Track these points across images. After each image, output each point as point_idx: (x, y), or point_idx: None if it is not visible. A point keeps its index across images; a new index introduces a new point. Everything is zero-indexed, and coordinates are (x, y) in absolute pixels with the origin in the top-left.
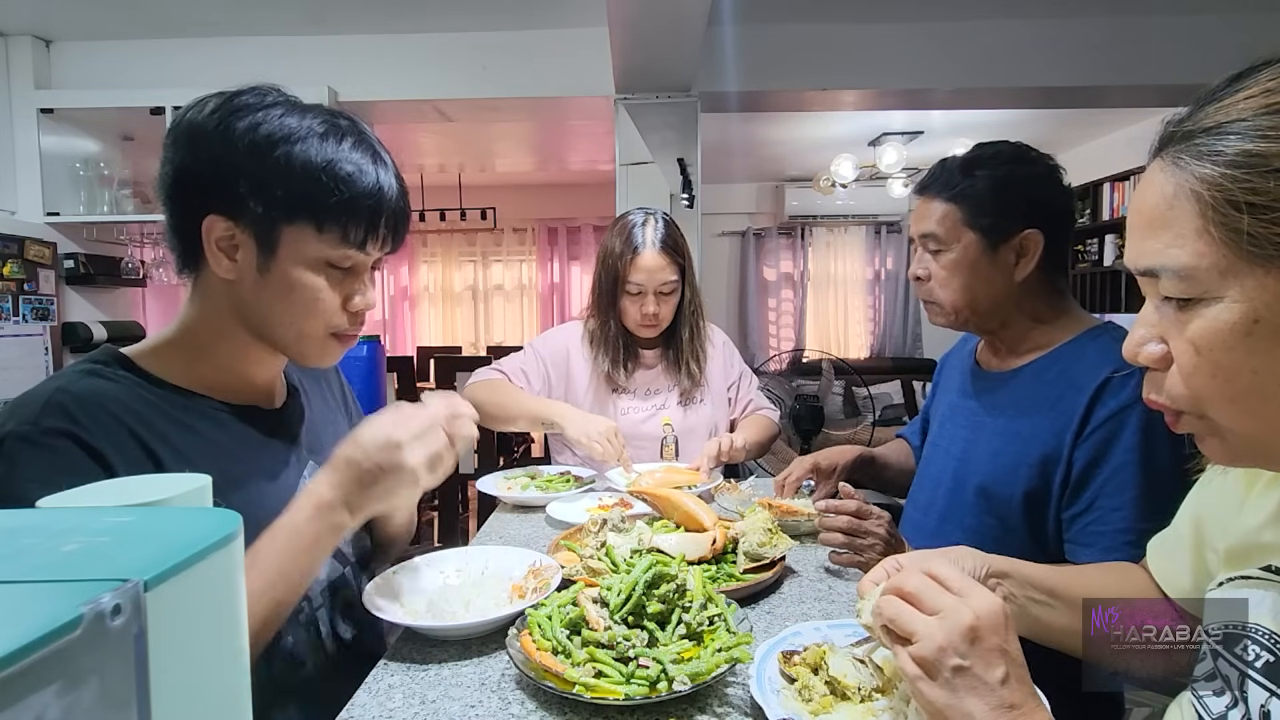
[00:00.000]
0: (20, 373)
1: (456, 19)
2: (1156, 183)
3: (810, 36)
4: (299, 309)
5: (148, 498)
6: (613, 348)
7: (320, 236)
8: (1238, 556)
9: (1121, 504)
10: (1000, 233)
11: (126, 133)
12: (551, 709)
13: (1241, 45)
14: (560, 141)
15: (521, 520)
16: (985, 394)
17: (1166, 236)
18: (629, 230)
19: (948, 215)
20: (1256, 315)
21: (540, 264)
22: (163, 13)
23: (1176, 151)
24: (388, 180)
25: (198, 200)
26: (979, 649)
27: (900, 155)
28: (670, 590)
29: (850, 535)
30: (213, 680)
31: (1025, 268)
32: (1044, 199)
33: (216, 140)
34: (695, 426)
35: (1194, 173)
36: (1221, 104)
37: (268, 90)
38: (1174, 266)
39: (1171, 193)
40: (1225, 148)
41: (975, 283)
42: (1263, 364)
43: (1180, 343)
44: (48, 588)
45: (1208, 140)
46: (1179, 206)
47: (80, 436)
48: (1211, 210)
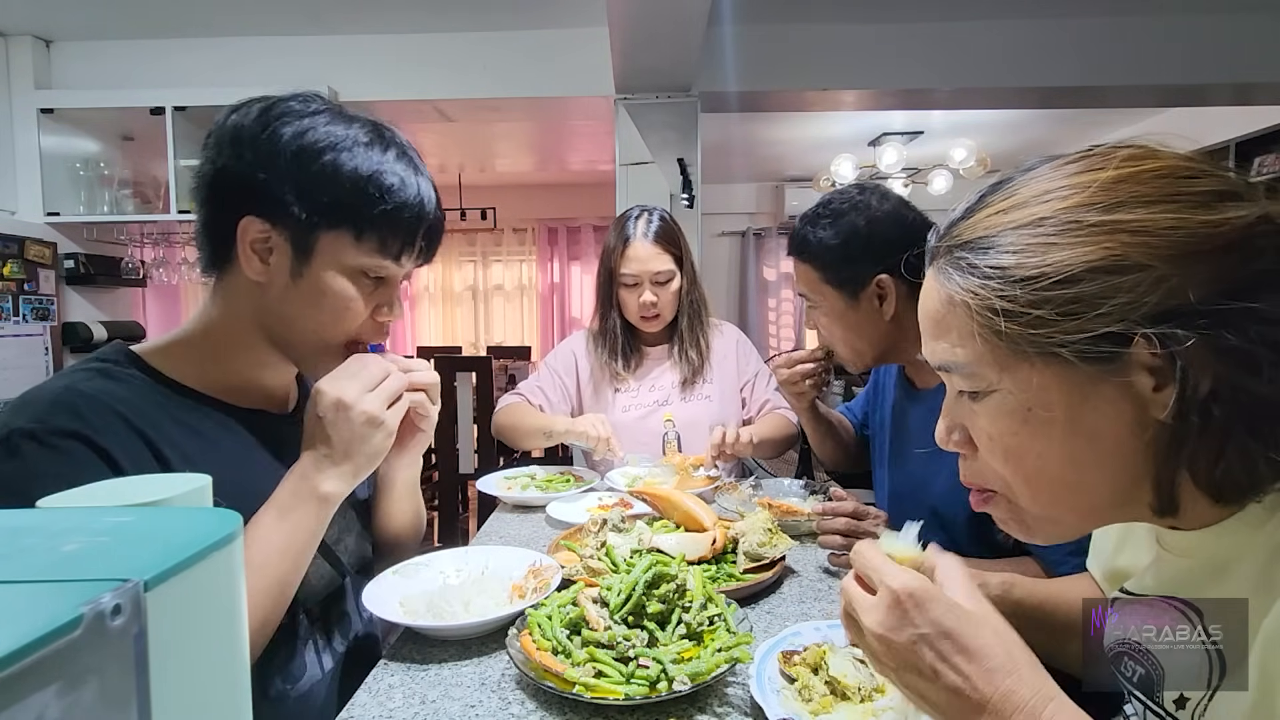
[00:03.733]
0: (20, 373)
1: (456, 19)
2: (933, 290)
3: (810, 36)
4: (327, 316)
5: (148, 498)
6: (612, 339)
7: (357, 245)
8: (1109, 580)
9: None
10: (855, 283)
11: (126, 133)
12: (551, 709)
13: (1242, 45)
14: (560, 141)
15: (521, 520)
16: (915, 413)
17: (950, 338)
18: (623, 224)
19: (805, 275)
20: (1029, 404)
21: (540, 264)
22: (163, 13)
23: (944, 263)
24: (428, 192)
25: (235, 201)
26: (914, 617)
27: (900, 155)
28: (670, 590)
29: (848, 536)
30: (213, 680)
31: (889, 308)
32: (886, 241)
33: (262, 144)
34: (698, 421)
35: (959, 283)
36: (971, 222)
37: (312, 97)
38: (958, 364)
39: (946, 299)
40: (979, 261)
41: (852, 332)
42: (1043, 447)
43: (977, 431)
44: (48, 588)
45: (965, 254)
46: (953, 313)
47: (89, 437)
48: (976, 315)
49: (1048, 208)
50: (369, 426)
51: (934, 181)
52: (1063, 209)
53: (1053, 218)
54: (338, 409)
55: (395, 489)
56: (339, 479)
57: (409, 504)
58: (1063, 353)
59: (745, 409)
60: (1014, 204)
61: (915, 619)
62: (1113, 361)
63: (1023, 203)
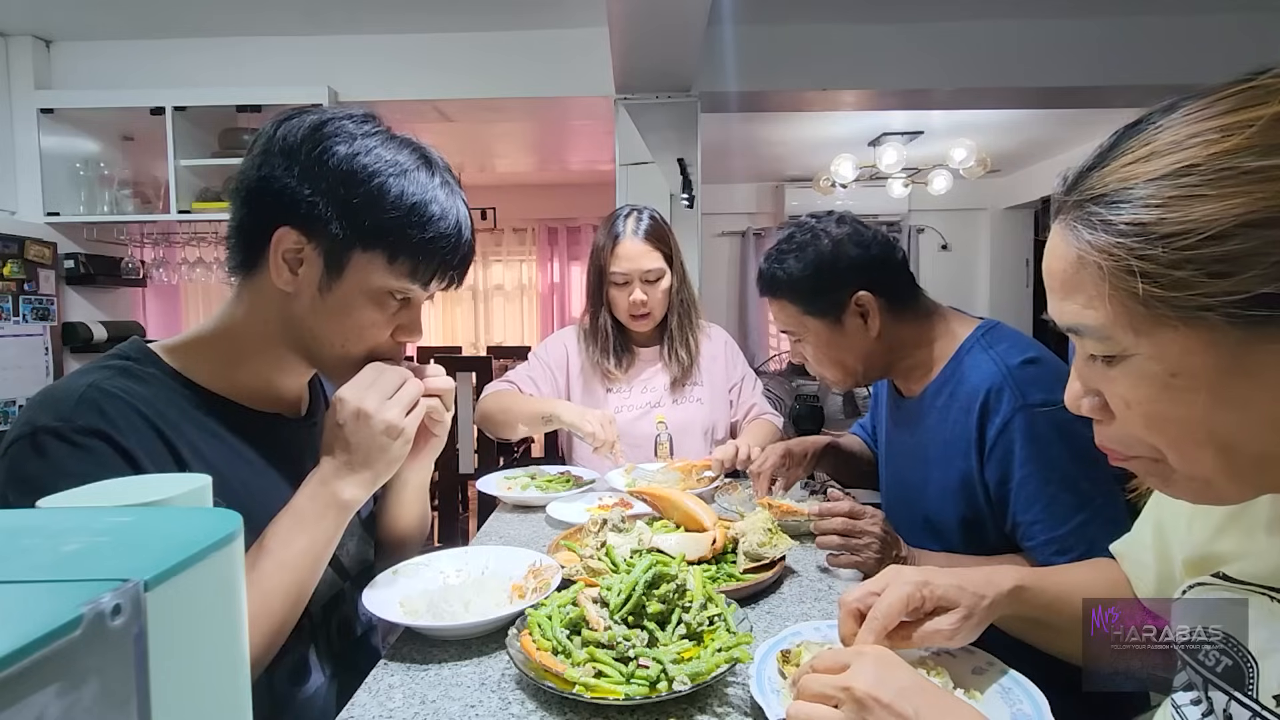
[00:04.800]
0: (20, 373)
1: (456, 19)
2: (1060, 247)
3: (810, 36)
4: (351, 333)
5: (148, 498)
6: (603, 337)
7: (389, 268)
8: (1195, 565)
9: (1036, 517)
10: (835, 308)
11: (126, 133)
12: (551, 709)
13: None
14: (560, 141)
15: (521, 520)
16: (904, 423)
17: (1080, 298)
18: (612, 222)
19: (785, 312)
20: (1172, 370)
21: (540, 264)
22: (163, 13)
23: (1072, 219)
24: (465, 221)
25: (274, 210)
26: (882, 712)
27: (900, 155)
28: (670, 590)
29: (846, 536)
30: (213, 680)
31: (874, 324)
32: (852, 260)
33: (313, 159)
34: (689, 423)
35: (1089, 241)
36: (1104, 171)
37: (366, 116)
38: (1089, 327)
39: (1075, 258)
40: (1114, 218)
41: (840, 355)
42: (1187, 414)
43: (1113, 397)
44: (48, 588)
45: (1098, 209)
46: (1083, 272)
47: (113, 436)
48: (1110, 276)
49: (1194, 153)
50: (388, 435)
51: (934, 181)
52: (1212, 155)
53: (1201, 165)
54: (358, 418)
55: (405, 492)
56: (358, 486)
57: (417, 506)
58: (1210, 316)
59: (733, 410)
60: (1154, 150)
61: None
62: (1268, 324)
63: (1165, 149)
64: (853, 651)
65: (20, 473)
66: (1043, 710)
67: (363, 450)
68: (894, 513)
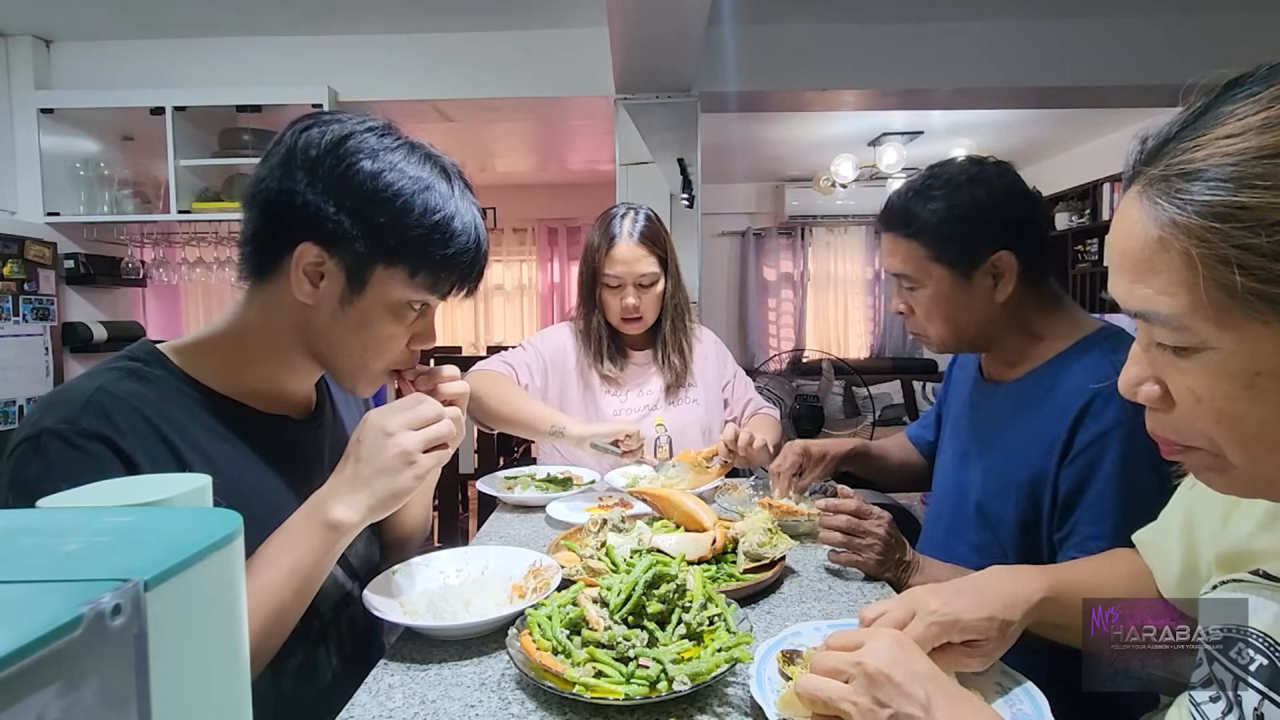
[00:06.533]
0: (20, 373)
1: (456, 19)
2: (1138, 223)
3: (810, 36)
4: (370, 345)
5: (148, 498)
6: (595, 341)
7: (410, 281)
8: (1229, 562)
9: (1099, 532)
10: (970, 262)
11: (126, 133)
12: (551, 709)
13: (1241, 45)
14: (560, 141)
15: (521, 520)
16: (983, 406)
17: (1156, 283)
18: (607, 223)
19: (912, 253)
20: (1258, 368)
21: (540, 264)
22: (163, 13)
23: (1155, 192)
24: (482, 230)
25: (296, 224)
26: (891, 690)
27: (900, 155)
28: (670, 590)
29: (849, 535)
30: (213, 680)
31: (1005, 289)
32: (1006, 216)
33: (337, 176)
34: (686, 426)
35: (1176, 221)
36: (1200, 142)
37: (387, 128)
38: (1166, 314)
39: (1156, 237)
40: (1211, 198)
41: (956, 314)
42: (1269, 413)
43: (1180, 388)
44: (48, 588)
45: (1189, 186)
46: (1164, 255)
47: (114, 440)
48: (1200, 265)
49: None
50: (400, 460)
51: None
52: None
53: None
54: (377, 434)
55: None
56: (350, 508)
57: (420, 507)
58: None
59: (728, 409)
60: (1265, 122)
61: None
62: None
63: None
64: (870, 631)
65: (22, 474)
66: (1043, 710)
67: (369, 469)
68: (941, 484)
